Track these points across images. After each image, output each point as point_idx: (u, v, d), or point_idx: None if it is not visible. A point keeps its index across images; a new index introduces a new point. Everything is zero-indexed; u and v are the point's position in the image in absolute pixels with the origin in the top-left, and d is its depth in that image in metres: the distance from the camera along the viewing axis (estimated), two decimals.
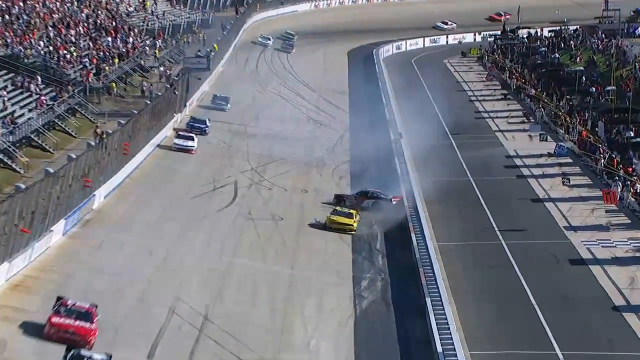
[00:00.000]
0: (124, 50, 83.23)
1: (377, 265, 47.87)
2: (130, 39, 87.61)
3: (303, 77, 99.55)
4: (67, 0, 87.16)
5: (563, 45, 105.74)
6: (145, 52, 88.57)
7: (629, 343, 39.37)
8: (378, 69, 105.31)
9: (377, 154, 68.41)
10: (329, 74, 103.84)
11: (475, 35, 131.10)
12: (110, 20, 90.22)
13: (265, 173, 62.82)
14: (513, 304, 42.93)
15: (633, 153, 63.87)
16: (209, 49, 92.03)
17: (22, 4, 79.10)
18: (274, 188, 59.77)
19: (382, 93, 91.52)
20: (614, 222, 54.38)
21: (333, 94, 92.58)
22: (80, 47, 77.75)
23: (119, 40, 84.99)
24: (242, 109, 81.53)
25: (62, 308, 33.51)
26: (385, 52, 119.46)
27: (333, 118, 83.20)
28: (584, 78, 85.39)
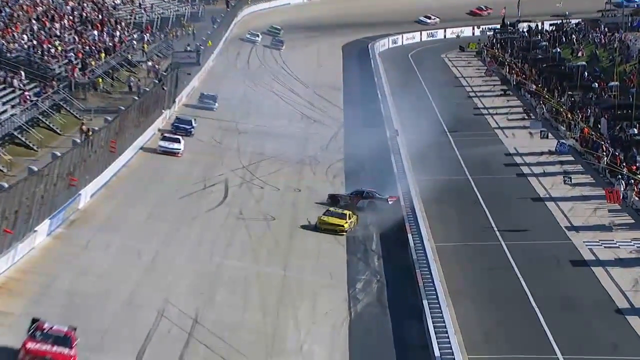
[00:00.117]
0: (111, 45, 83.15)
1: (372, 267, 47.91)
2: (117, 33, 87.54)
3: (296, 72, 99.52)
4: None
5: (565, 40, 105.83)
6: (133, 46, 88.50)
7: (633, 347, 39.41)
8: (373, 64, 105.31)
9: (372, 152, 68.42)
10: (323, 69, 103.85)
11: (474, 29, 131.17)
12: (97, 13, 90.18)
13: (257, 171, 62.83)
14: (513, 307, 42.99)
15: (637, 151, 64.01)
16: (200, 44, 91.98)
17: None
18: (266, 187, 59.78)
19: (377, 89, 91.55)
20: (617, 222, 54.46)
21: (327, 90, 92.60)
22: (65, 41, 77.68)
23: (106, 34, 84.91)
24: (233, 105, 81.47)
25: (38, 332, 31.56)
26: (381, 46, 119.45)
27: (327, 114, 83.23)
28: (586, 73, 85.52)
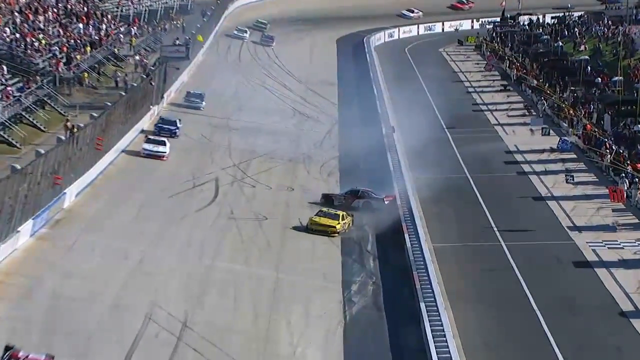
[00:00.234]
0: (97, 38, 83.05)
1: (368, 268, 47.91)
2: (104, 26, 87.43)
3: (289, 66, 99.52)
4: None
5: (567, 33, 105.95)
6: (120, 39, 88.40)
7: (638, 351, 39.46)
8: (369, 58, 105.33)
9: (368, 150, 68.43)
10: (317, 64, 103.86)
11: (473, 22, 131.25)
12: (82, 6, 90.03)
13: (249, 170, 62.80)
14: (513, 310, 43.00)
15: None
16: (189, 37, 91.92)
17: None
18: (258, 186, 59.76)
19: (373, 84, 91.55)
20: (621, 221, 54.51)
21: (321, 85, 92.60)
22: (50, 34, 77.55)
23: (91, 27, 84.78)
24: (223, 101, 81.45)
25: None
26: (377, 40, 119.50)
27: (321, 111, 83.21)
28: (589, 68, 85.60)
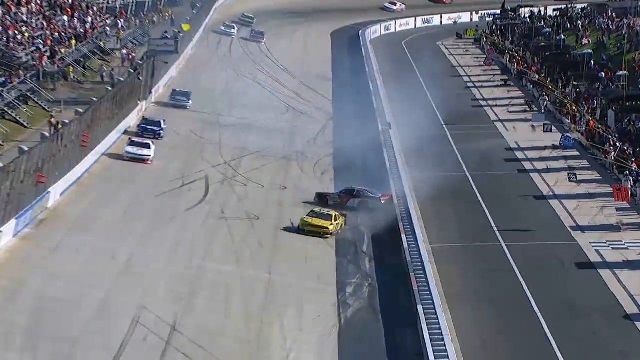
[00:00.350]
0: (82, 31, 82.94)
1: (363, 270, 47.94)
2: (89, 18, 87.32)
3: (281, 61, 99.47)
4: None
5: (569, 26, 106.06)
6: (106, 32, 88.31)
7: None
8: (365, 52, 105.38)
9: (363, 147, 68.44)
10: (311, 58, 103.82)
11: (472, 15, 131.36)
12: None
13: (240, 167, 62.79)
14: (514, 312, 43.06)
15: None
16: (178, 30, 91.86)
17: None
18: (250, 184, 59.75)
19: (369, 79, 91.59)
20: (626, 221, 54.60)
21: (315, 80, 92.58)
22: (33, 26, 77.44)
23: (77, 20, 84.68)
24: (214, 97, 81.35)
25: None
26: (373, 33, 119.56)
27: (315, 106, 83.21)
28: (593, 62, 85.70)
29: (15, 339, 34.71)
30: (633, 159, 61.55)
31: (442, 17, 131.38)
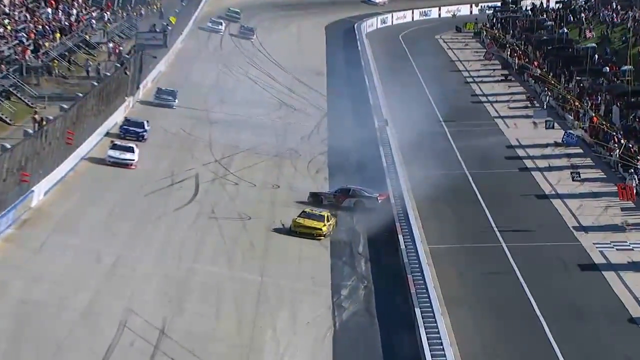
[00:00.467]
0: (67, 24, 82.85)
1: (359, 272, 47.94)
2: (74, 11, 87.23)
3: (274, 55, 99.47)
4: None
5: (572, 19, 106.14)
6: (92, 25, 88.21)
7: None
8: (360, 46, 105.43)
9: (359, 144, 68.47)
10: (304, 52, 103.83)
11: (472, 7, 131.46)
12: None
13: (231, 166, 62.79)
14: (515, 316, 43.09)
15: None
16: (167, 23, 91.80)
17: None
18: (241, 183, 59.76)
19: (365, 74, 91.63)
20: (631, 221, 54.64)
21: (309, 75, 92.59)
22: (16, 19, 77.34)
23: (61, 12, 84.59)
24: (204, 92, 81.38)
25: None
26: (369, 26, 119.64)
27: (309, 102, 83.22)
28: (597, 56, 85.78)
29: None
30: (638, 157, 61.62)
31: (440, 9, 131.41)
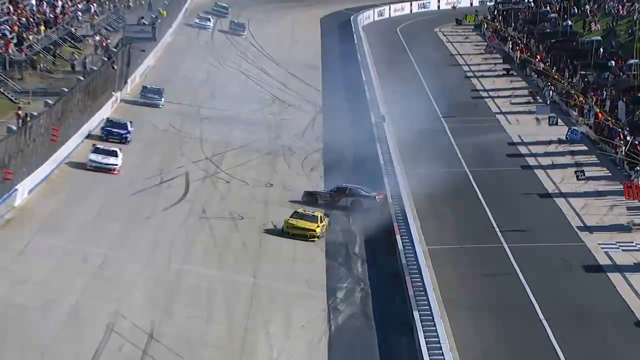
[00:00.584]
0: (52, 16, 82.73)
1: (355, 273, 47.96)
2: (60, 2, 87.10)
3: (267, 48, 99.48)
4: None
5: (577, 11, 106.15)
6: (78, 18, 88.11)
7: None
8: (357, 40, 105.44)
9: (355, 141, 68.49)
10: (299, 46, 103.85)
11: None
12: None
13: (222, 163, 62.78)
14: (517, 319, 43.14)
15: None
16: (156, 16, 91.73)
17: None
18: (233, 181, 59.76)
19: (361, 68, 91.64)
20: (637, 221, 54.70)
21: (303, 69, 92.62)
22: None
23: (46, 4, 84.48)
24: (194, 87, 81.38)
25: None
26: (366, 19, 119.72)
27: (303, 98, 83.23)
28: (602, 49, 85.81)
29: None
30: None
31: (439, 1, 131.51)
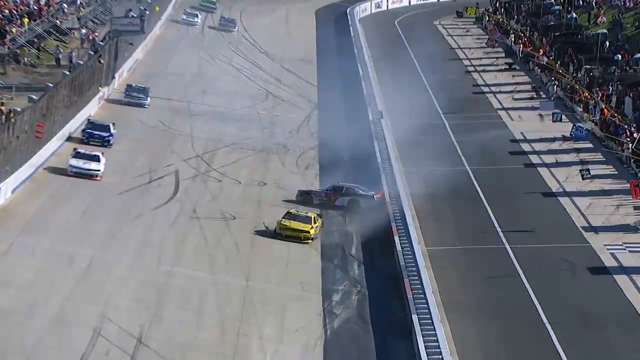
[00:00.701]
0: (36, 8, 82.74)
1: (352, 275, 47.99)
2: None
3: (260, 42, 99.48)
4: None
5: (582, 3, 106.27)
6: (63, 10, 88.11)
7: None
8: (353, 33, 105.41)
9: (352, 139, 68.49)
10: (293, 39, 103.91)
11: None
12: None
13: (214, 161, 62.78)
14: (519, 323, 43.17)
15: None
16: (144, 8, 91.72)
17: None
18: (225, 180, 59.77)
19: (358, 62, 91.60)
20: None
21: (298, 64, 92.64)
22: None
23: None
24: (184, 82, 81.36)
25: None
26: (362, 11, 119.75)
27: (298, 93, 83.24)
28: (608, 43, 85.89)
29: None
30: None
31: None
